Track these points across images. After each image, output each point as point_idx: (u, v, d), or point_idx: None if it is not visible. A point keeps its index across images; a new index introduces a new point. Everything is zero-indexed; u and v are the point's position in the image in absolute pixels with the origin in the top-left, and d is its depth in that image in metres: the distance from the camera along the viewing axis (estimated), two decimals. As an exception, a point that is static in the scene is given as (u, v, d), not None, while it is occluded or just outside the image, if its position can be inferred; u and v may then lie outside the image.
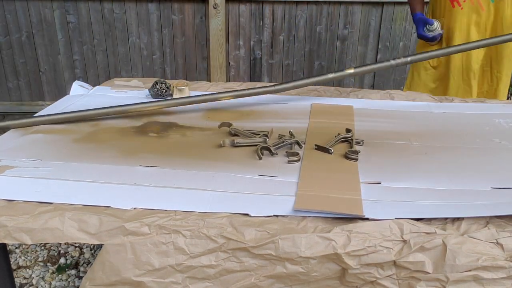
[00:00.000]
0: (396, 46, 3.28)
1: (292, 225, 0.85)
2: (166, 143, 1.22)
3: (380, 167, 1.09)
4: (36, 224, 0.84)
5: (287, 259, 0.81)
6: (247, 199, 0.93)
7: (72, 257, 1.98)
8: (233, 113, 1.45)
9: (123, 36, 3.23)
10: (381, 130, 1.32)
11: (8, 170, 1.03)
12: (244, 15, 3.20)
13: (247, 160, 1.11)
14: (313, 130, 1.30)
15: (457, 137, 1.28)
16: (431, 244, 0.80)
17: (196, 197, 0.93)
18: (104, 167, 1.06)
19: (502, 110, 1.50)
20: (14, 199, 0.92)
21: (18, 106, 3.34)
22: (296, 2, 3.16)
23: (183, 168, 1.06)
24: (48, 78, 3.31)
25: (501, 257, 0.78)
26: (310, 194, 0.93)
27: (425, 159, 1.14)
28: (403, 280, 0.81)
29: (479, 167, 1.09)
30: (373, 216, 0.86)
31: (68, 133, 1.27)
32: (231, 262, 0.82)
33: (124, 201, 0.91)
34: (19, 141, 1.21)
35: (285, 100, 1.57)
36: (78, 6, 3.13)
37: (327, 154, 1.14)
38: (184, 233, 0.82)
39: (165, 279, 0.82)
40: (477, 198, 0.94)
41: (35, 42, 3.20)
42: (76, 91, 1.64)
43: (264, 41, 3.27)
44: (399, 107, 1.52)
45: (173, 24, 3.21)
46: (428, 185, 1.00)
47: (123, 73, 3.31)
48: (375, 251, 0.80)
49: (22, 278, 1.84)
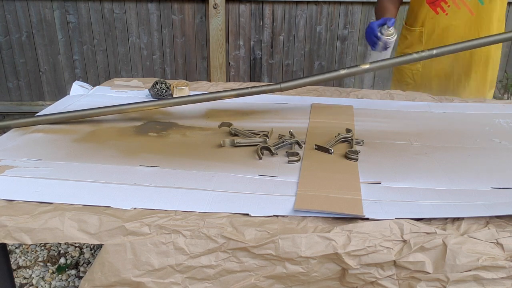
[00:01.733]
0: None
1: (292, 225, 0.85)
2: (166, 143, 1.22)
3: (380, 167, 1.09)
4: (36, 224, 0.84)
5: (287, 259, 0.81)
6: (247, 199, 0.93)
7: (72, 257, 1.98)
8: (233, 113, 1.45)
9: (123, 36, 3.23)
10: (381, 130, 1.32)
11: (8, 170, 1.03)
12: (244, 15, 3.20)
13: (247, 160, 1.11)
14: (313, 130, 1.30)
15: (457, 137, 1.28)
16: (431, 244, 0.80)
17: (196, 197, 0.93)
18: (104, 167, 1.06)
19: (502, 110, 1.50)
20: (14, 199, 0.92)
21: (18, 106, 3.34)
22: (296, 2, 3.16)
23: (183, 168, 1.06)
24: (48, 78, 3.31)
25: (501, 257, 0.78)
26: (310, 194, 0.93)
27: (425, 159, 1.14)
28: (403, 280, 0.81)
29: (479, 167, 1.09)
30: (373, 216, 0.86)
31: (68, 133, 1.27)
32: (231, 262, 0.82)
33: (124, 201, 0.91)
34: (19, 141, 1.21)
35: (285, 100, 1.57)
36: (78, 6, 3.13)
37: (327, 154, 1.14)
38: (184, 233, 0.82)
39: (164, 279, 0.82)
40: (477, 198, 0.94)
41: (35, 42, 3.20)
42: (76, 91, 1.64)
43: (264, 41, 3.27)
44: (399, 107, 1.52)
45: (173, 24, 3.21)
46: (428, 185, 1.00)
47: (123, 73, 3.31)
48: (375, 251, 0.80)
49: (22, 278, 1.84)
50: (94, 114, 1.36)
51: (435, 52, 1.38)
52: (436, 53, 1.39)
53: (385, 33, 1.50)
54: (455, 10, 1.66)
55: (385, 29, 1.49)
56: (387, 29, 1.49)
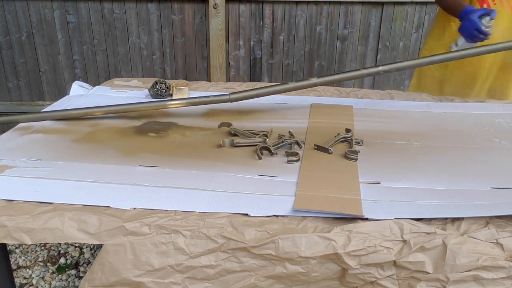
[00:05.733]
0: (396, 46, 3.28)
1: (292, 225, 0.85)
2: (166, 143, 1.22)
3: (380, 167, 1.08)
4: (36, 224, 0.84)
5: (287, 259, 0.81)
6: (247, 199, 0.93)
7: (72, 257, 1.98)
8: (232, 113, 1.45)
9: (123, 36, 3.22)
10: (381, 130, 1.32)
11: (8, 170, 1.03)
12: (244, 15, 3.20)
13: (246, 160, 1.11)
14: (313, 130, 1.30)
15: (457, 137, 1.28)
16: (431, 244, 0.80)
17: (195, 197, 0.93)
18: (104, 167, 1.06)
19: (502, 110, 1.50)
20: (13, 199, 0.92)
21: (18, 106, 3.34)
22: (296, 2, 3.16)
23: (183, 168, 1.06)
24: (48, 78, 3.31)
25: (501, 257, 0.78)
26: (309, 194, 0.93)
27: (424, 159, 1.13)
28: (403, 280, 0.81)
29: (479, 167, 1.09)
30: (372, 216, 0.86)
31: (67, 133, 1.27)
32: (231, 262, 0.82)
33: (124, 201, 0.91)
34: (18, 141, 1.21)
35: (285, 100, 1.57)
36: (78, 6, 3.12)
37: (327, 154, 1.14)
38: (184, 233, 0.82)
39: (164, 279, 0.82)
40: (476, 198, 0.94)
41: (35, 42, 3.20)
42: (76, 91, 1.64)
43: (264, 41, 3.27)
44: (399, 107, 1.52)
45: (173, 24, 3.21)
46: (428, 185, 0.99)
47: (123, 73, 3.31)
48: (375, 251, 0.80)
49: (22, 278, 1.84)
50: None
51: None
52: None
53: (488, 25, 1.46)
54: (500, 9, 1.62)
55: (488, 21, 1.45)
56: (489, 21, 1.45)
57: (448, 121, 1.40)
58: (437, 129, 1.34)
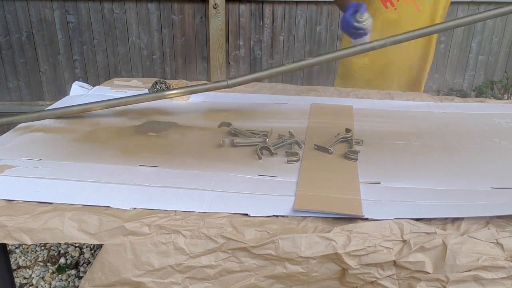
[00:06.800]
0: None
1: (292, 225, 0.85)
2: (166, 143, 1.22)
3: (380, 167, 1.08)
4: (36, 224, 0.84)
5: (287, 259, 0.81)
6: (247, 199, 0.93)
7: (72, 257, 1.98)
8: (232, 113, 1.45)
9: (123, 36, 3.23)
10: (380, 130, 1.32)
11: (8, 169, 1.03)
12: (244, 15, 3.20)
13: (246, 160, 1.11)
14: (313, 130, 1.30)
15: (457, 137, 1.28)
16: (431, 244, 0.80)
17: (195, 197, 0.93)
18: (104, 166, 1.06)
19: (502, 110, 1.50)
20: (13, 199, 0.91)
21: (18, 106, 3.34)
22: (296, 2, 3.16)
23: (183, 168, 1.06)
24: (48, 78, 3.31)
25: (501, 257, 0.78)
26: (309, 194, 0.93)
27: (424, 159, 1.13)
28: (403, 280, 0.81)
29: (479, 167, 1.09)
30: (372, 216, 0.86)
31: (67, 133, 1.27)
32: (231, 262, 0.82)
33: (123, 201, 0.91)
34: (18, 140, 1.21)
35: (285, 100, 1.57)
36: (78, 6, 3.13)
37: (327, 154, 1.14)
38: (184, 233, 0.82)
39: (164, 279, 0.82)
40: (476, 198, 0.94)
41: (35, 42, 3.20)
42: (76, 91, 1.64)
43: (264, 41, 3.27)
44: (398, 107, 1.52)
45: (173, 24, 3.21)
46: (428, 185, 0.99)
47: (123, 73, 3.31)
48: (375, 251, 0.80)
49: (22, 278, 1.84)
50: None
51: (380, 43, 1.36)
52: (380, 44, 1.36)
53: (360, 20, 1.44)
54: (404, 5, 1.65)
55: (360, 16, 1.44)
56: (361, 16, 1.44)
57: (448, 121, 1.40)
58: (437, 129, 1.34)
